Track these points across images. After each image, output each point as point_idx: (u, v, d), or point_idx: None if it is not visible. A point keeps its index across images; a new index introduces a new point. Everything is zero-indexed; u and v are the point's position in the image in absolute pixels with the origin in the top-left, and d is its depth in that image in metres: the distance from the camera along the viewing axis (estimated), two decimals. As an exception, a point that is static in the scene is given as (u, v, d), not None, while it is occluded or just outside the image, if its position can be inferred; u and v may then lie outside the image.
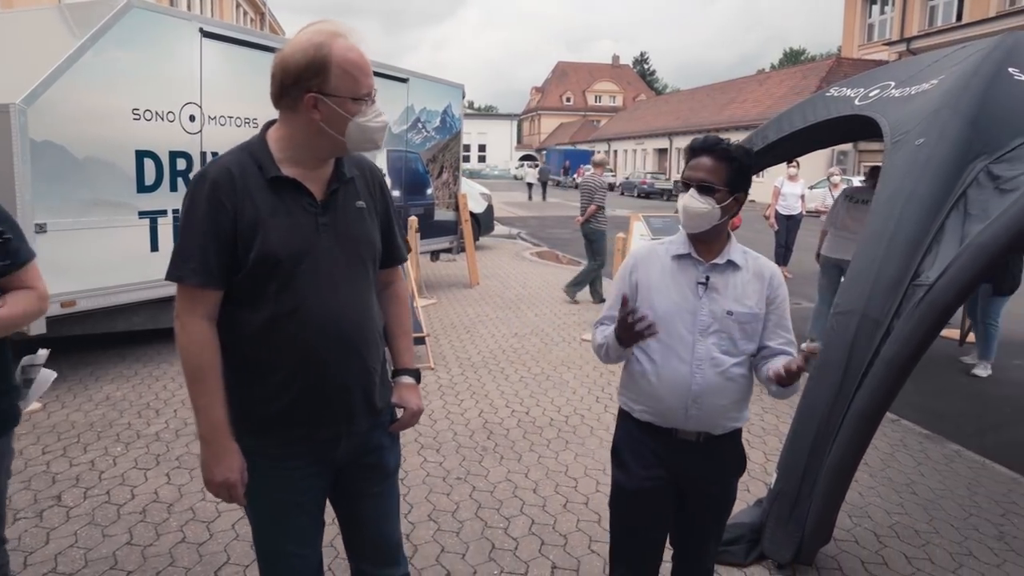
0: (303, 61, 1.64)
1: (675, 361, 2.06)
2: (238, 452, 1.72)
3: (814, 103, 5.54)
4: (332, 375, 1.75)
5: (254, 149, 1.73)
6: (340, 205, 1.78)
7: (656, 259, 2.16)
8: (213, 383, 1.68)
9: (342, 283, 1.76)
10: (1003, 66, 3.85)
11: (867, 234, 3.39)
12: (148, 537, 3.22)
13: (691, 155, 2.12)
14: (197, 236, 1.65)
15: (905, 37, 28.41)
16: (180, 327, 1.69)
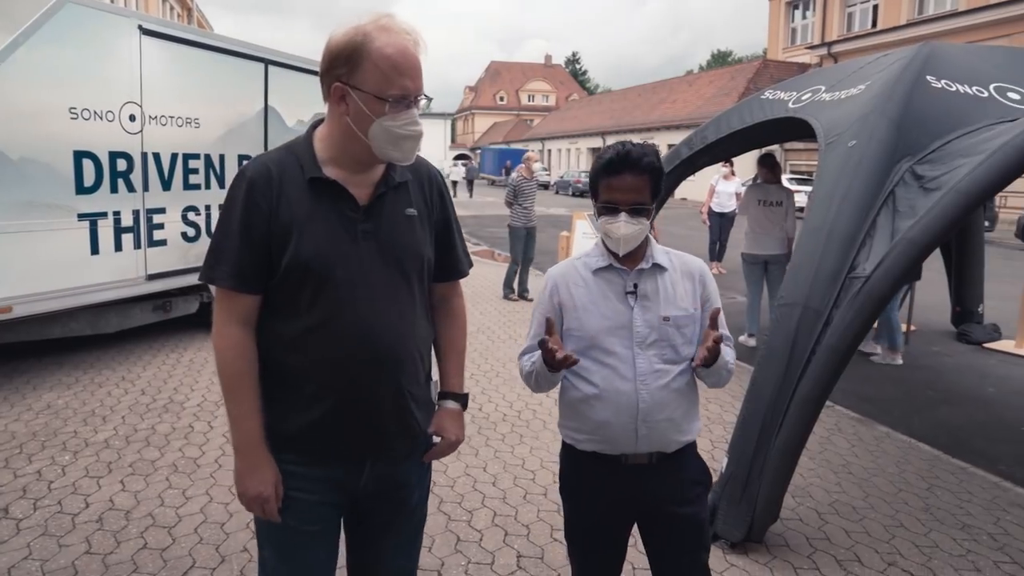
0: (339, 46, 1.54)
1: (617, 381, 1.92)
2: (273, 465, 1.63)
3: (751, 105, 5.79)
4: (363, 396, 1.63)
5: (298, 147, 1.64)
6: (386, 212, 1.66)
7: (576, 276, 2.01)
8: (249, 392, 1.60)
9: (381, 296, 1.63)
10: (921, 74, 4.14)
11: (806, 230, 3.61)
12: (108, 545, 3.16)
13: (609, 171, 1.93)
14: (232, 237, 1.58)
15: (826, 41, 29.70)
16: (216, 331, 1.61)
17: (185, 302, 6.61)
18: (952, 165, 3.28)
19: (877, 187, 3.49)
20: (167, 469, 3.95)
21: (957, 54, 4.74)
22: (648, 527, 2.06)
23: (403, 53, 1.54)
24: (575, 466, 2.06)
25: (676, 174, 6.57)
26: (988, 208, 17.80)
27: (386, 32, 1.54)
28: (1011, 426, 5.19)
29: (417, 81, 1.58)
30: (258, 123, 6.99)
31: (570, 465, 2.09)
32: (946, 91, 4.12)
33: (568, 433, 2.06)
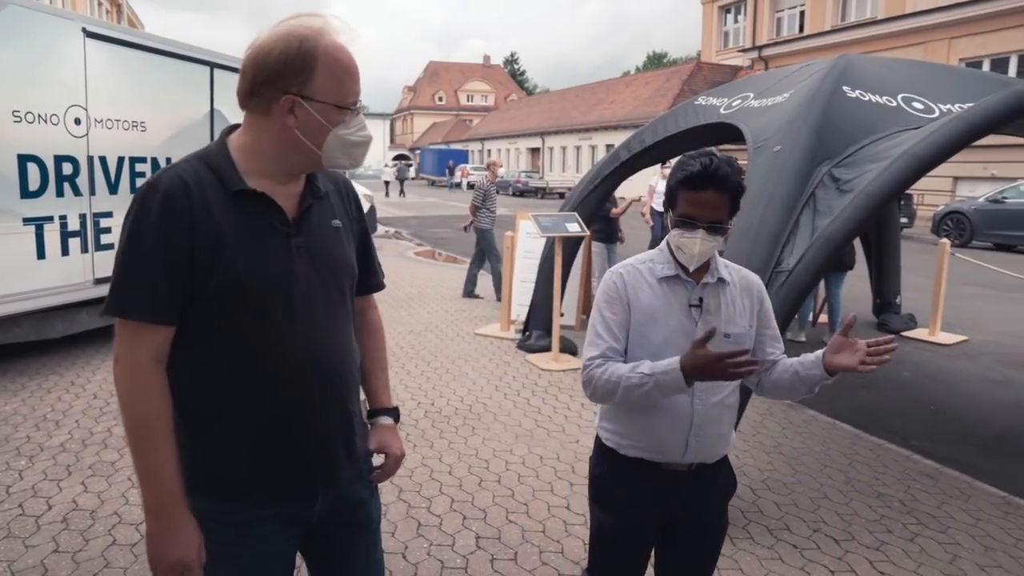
0: (284, 56, 1.40)
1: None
2: (194, 525, 1.44)
3: (685, 110, 6.13)
4: (311, 426, 1.51)
5: (212, 158, 1.47)
6: (315, 224, 1.55)
7: (642, 281, 1.95)
8: (163, 439, 1.40)
9: (321, 315, 1.52)
10: (838, 85, 4.51)
11: (736, 229, 3.91)
12: (76, 544, 3.23)
13: (691, 186, 1.86)
14: (145, 260, 1.38)
15: (757, 45, 30.72)
16: (121, 371, 1.40)
17: (132, 306, 6.57)
18: (863, 169, 3.64)
19: (799, 189, 3.82)
20: (128, 470, 4.01)
21: (870, 66, 5.16)
22: (673, 533, 2.03)
23: (351, 56, 1.47)
24: (614, 471, 2.02)
25: (617, 175, 6.88)
26: (907, 206, 18.89)
27: (329, 34, 1.44)
28: (923, 406, 5.66)
29: (360, 83, 1.51)
30: (204, 126, 7.00)
31: (608, 469, 2.03)
32: (860, 100, 4.50)
33: (611, 437, 2.02)
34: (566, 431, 4.79)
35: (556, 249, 6.54)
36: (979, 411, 5.57)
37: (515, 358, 6.60)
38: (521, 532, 3.47)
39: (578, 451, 4.46)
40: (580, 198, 7.14)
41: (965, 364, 6.90)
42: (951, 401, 5.81)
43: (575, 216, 6.81)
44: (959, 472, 4.32)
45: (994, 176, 20.35)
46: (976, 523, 3.69)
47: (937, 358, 7.10)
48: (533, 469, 4.19)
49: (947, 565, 3.28)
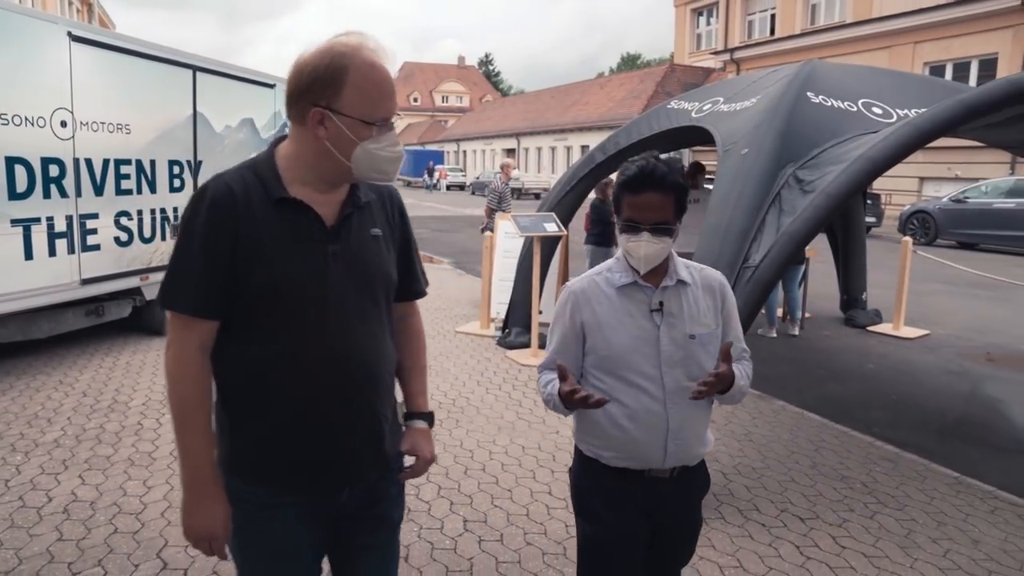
0: (317, 70, 1.49)
1: (646, 399, 1.90)
2: (224, 500, 1.56)
3: (658, 114, 6.36)
4: (338, 423, 1.60)
5: (259, 166, 1.58)
6: (353, 233, 1.62)
7: (599, 293, 1.96)
8: (201, 421, 1.54)
9: (353, 320, 1.59)
10: (803, 90, 4.76)
11: (707, 228, 4.14)
12: (79, 532, 3.36)
13: (633, 189, 1.87)
14: (193, 259, 1.51)
15: (729, 47, 31.20)
16: (170, 358, 1.54)
17: (118, 306, 6.65)
18: (825, 171, 3.87)
19: (766, 190, 4.05)
20: (124, 464, 4.13)
21: (833, 72, 5.42)
22: (655, 536, 2.05)
23: (385, 76, 1.54)
24: (596, 481, 2.01)
25: (593, 176, 7.10)
26: (875, 206, 19.38)
27: (367, 53, 1.51)
28: (885, 396, 5.94)
29: (395, 101, 1.59)
30: (187, 129, 7.09)
31: (590, 480, 2.03)
32: (823, 106, 4.76)
33: (591, 448, 2.01)
34: (546, 422, 4.98)
35: (535, 248, 6.73)
36: (938, 400, 5.87)
37: (495, 354, 6.78)
38: (506, 516, 3.66)
39: (558, 441, 4.65)
40: (557, 199, 7.34)
41: (926, 356, 7.21)
42: (912, 391, 6.10)
43: (553, 216, 7.02)
44: (917, 456, 4.58)
45: (958, 177, 20.93)
46: (931, 501, 3.95)
47: (900, 351, 7.41)
48: (515, 458, 4.38)
49: (903, 539, 3.53)
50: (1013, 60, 20.43)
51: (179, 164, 7.01)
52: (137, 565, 3.10)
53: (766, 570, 3.22)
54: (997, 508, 3.89)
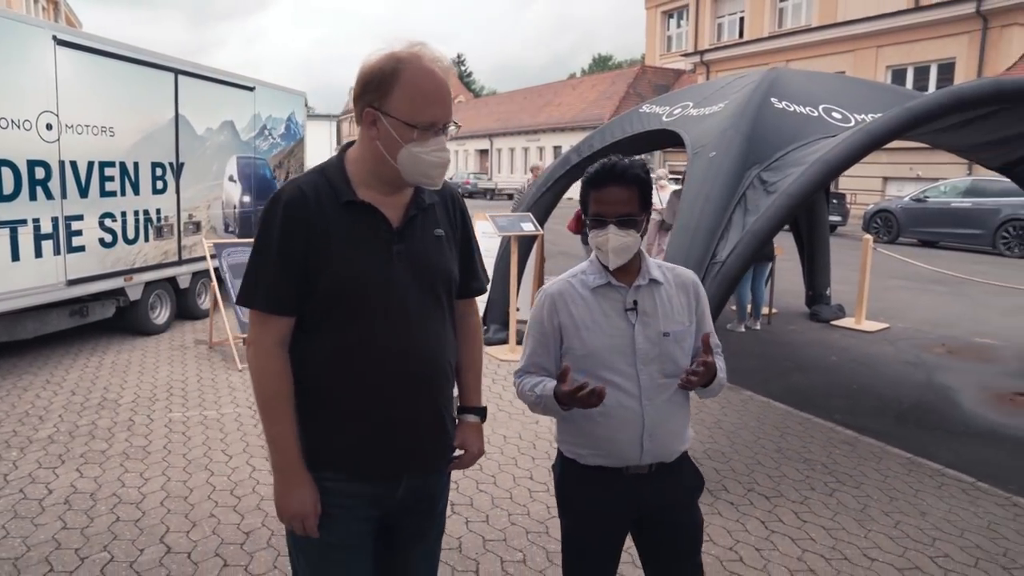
0: (371, 74, 1.59)
1: (622, 397, 1.94)
2: (312, 483, 1.65)
3: (631, 118, 6.62)
4: (400, 414, 1.67)
5: (330, 171, 1.67)
6: (417, 233, 1.70)
7: (574, 295, 2.02)
8: (286, 411, 1.63)
9: (415, 316, 1.67)
10: (767, 96, 5.04)
11: (677, 227, 4.40)
12: (82, 521, 3.50)
13: (596, 185, 1.96)
14: (269, 261, 1.61)
15: (699, 50, 31.71)
16: (252, 353, 1.65)
17: (102, 307, 6.74)
18: (786, 172, 4.14)
19: (732, 190, 4.32)
20: (119, 457, 4.26)
21: (796, 78, 5.72)
22: (646, 535, 2.09)
23: (433, 82, 1.60)
24: (577, 480, 2.06)
25: (568, 177, 7.34)
26: (840, 205, 19.93)
27: (418, 60, 1.59)
28: (846, 386, 6.25)
29: (446, 109, 1.63)
30: (169, 131, 7.20)
31: (571, 480, 2.08)
32: (786, 111, 5.04)
33: (570, 448, 2.05)
34: (525, 414, 5.20)
35: (512, 248, 6.94)
36: (895, 388, 6.20)
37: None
38: (491, 499, 3.87)
39: (537, 430, 4.87)
40: (534, 199, 7.57)
41: (886, 348, 7.57)
42: (871, 380, 6.43)
43: (529, 216, 7.24)
44: (874, 439, 4.88)
45: (919, 177, 21.57)
46: (885, 479, 4.24)
47: (861, 344, 7.76)
48: (498, 447, 4.59)
49: (858, 513, 3.81)
50: (969, 65, 21.12)
51: (161, 166, 7.11)
52: (142, 550, 3.25)
53: (733, 542, 3.47)
54: (944, 484, 4.19)
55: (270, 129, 9.40)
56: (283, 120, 9.78)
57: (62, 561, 3.14)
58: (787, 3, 28.99)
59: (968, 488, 4.17)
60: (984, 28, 20.68)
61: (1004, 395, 6.02)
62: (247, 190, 8.88)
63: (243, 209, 8.80)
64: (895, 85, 7.40)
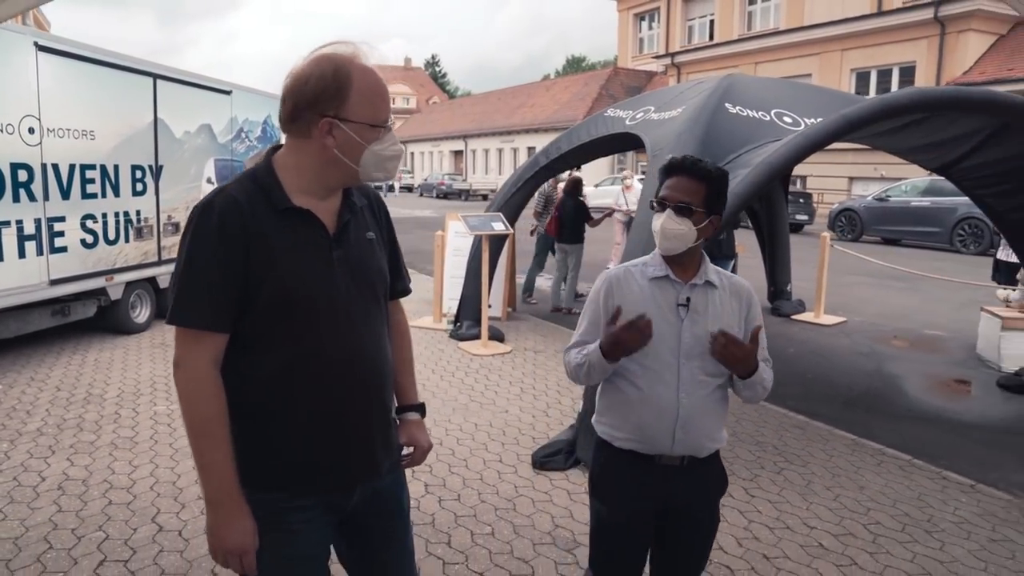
0: (321, 83, 1.54)
1: (660, 387, 2.00)
2: (249, 514, 1.58)
3: (596, 121, 6.93)
4: (354, 421, 1.66)
5: (261, 178, 1.61)
6: (352, 237, 1.69)
7: (632, 282, 2.08)
8: (221, 436, 1.54)
9: (359, 321, 1.66)
10: (721, 102, 5.36)
11: (636, 223, 4.69)
12: (76, 505, 3.71)
13: (667, 174, 2.05)
14: (204, 273, 1.53)
15: (670, 52, 32.23)
16: (183, 375, 1.55)
17: (83, 306, 6.89)
18: (737, 174, 4.45)
19: (686, 191, 4.61)
20: (108, 447, 4.46)
21: (750, 84, 6.06)
22: (666, 527, 2.13)
23: (380, 79, 1.62)
24: (609, 462, 2.13)
25: (537, 178, 7.63)
26: (807, 204, 20.47)
27: (360, 59, 1.59)
28: (801, 375, 6.61)
29: (389, 102, 1.66)
30: (148, 134, 7.36)
31: (604, 461, 2.15)
32: (739, 116, 5.37)
33: (605, 430, 2.13)
34: (496, 404, 5.47)
35: (483, 246, 7.20)
36: (847, 377, 6.57)
37: (448, 346, 7.24)
38: (462, 480, 4.13)
39: (507, 419, 5.14)
40: (504, 200, 7.85)
41: (842, 340, 7.95)
42: (826, 370, 6.79)
43: (500, 216, 7.51)
44: (823, 423, 5.22)
45: (883, 176, 22.20)
46: (830, 459, 4.57)
47: (819, 336, 8.14)
48: (469, 434, 4.86)
49: (803, 488, 4.13)
50: (929, 68, 21.81)
51: (141, 169, 7.27)
52: (135, 529, 3.47)
53: (686, 515, 3.77)
54: (883, 462, 4.54)
55: (247, 132, 9.56)
56: (259, 123, 9.94)
57: (60, 540, 3.35)
58: (756, 6, 29.61)
59: (904, 465, 4.51)
60: (942, 33, 21.38)
61: (945, 382, 6.42)
62: (224, 192, 9.03)
63: (221, 210, 8.94)
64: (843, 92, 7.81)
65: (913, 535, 3.63)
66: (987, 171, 5.23)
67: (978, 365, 6.93)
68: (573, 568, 3.25)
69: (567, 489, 4.03)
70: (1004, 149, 4.77)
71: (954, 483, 4.26)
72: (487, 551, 3.37)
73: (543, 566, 3.26)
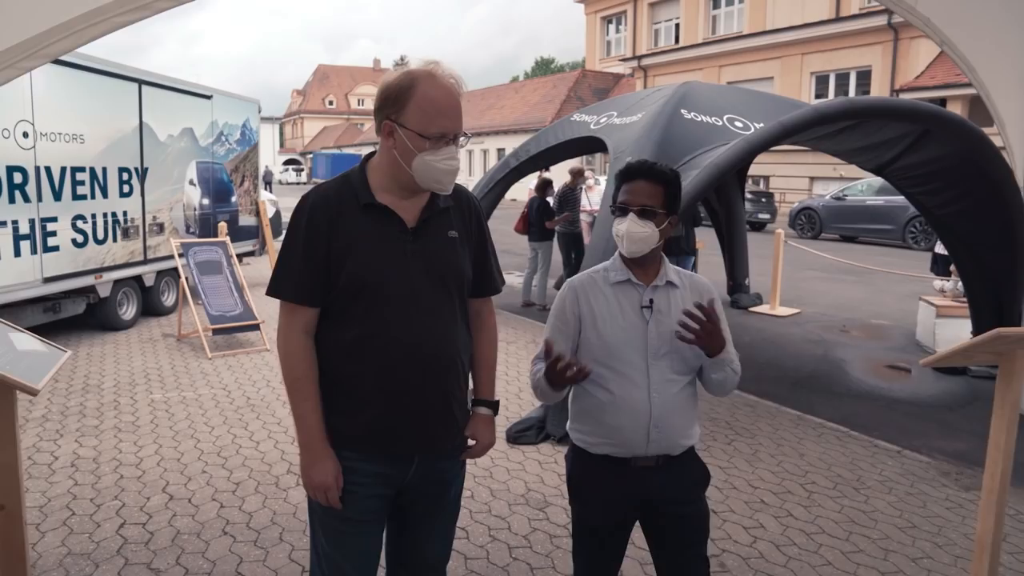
0: (389, 90, 1.75)
1: (630, 388, 2.04)
2: (334, 457, 1.80)
3: (563, 125, 7.39)
4: (411, 398, 1.81)
5: (352, 177, 1.84)
6: (431, 233, 1.84)
7: (596, 288, 2.14)
8: (310, 392, 1.79)
9: (426, 309, 1.81)
10: (677, 108, 5.84)
11: (599, 220, 5.14)
12: (90, 479, 4.05)
13: (626, 179, 2.12)
14: (295, 256, 1.78)
15: (637, 55, 32.85)
16: (281, 339, 1.82)
17: (73, 303, 7.16)
18: (689, 175, 4.92)
19: (644, 190, 5.08)
20: (112, 431, 4.80)
21: (704, 91, 6.54)
22: (652, 525, 2.19)
23: (445, 96, 1.75)
24: (586, 468, 2.17)
25: (508, 180, 8.08)
26: (769, 203, 21.20)
27: (431, 77, 1.74)
28: (755, 361, 7.12)
29: (456, 122, 1.77)
30: (134, 138, 7.65)
31: (581, 468, 2.19)
32: (694, 121, 5.85)
33: (580, 437, 2.16)
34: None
35: (459, 243, 7.61)
36: (796, 361, 7.10)
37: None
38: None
39: (484, 401, 5.55)
40: (478, 199, 8.26)
41: (794, 330, 8.51)
42: (777, 356, 7.32)
43: (475, 215, 7.93)
44: (771, 402, 5.72)
45: (842, 176, 23.00)
46: (776, 431, 5.07)
47: (774, 326, 8.68)
48: (449, 415, 5.26)
49: (750, 456, 4.62)
50: (884, 72, 22.68)
51: (128, 171, 7.57)
52: (148, 498, 3.83)
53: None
54: (823, 434, 5.05)
55: (227, 135, 9.87)
56: (238, 127, 10.25)
57: (81, 507, 3.71)
58: (720, 11, 30.33)
59: (842, 436, 5.03)
60: (895, 40, 22.25)
61: (882, 365, 6.99)
62: (206, 193, 9.35)
63: (202, 211, 9.27)
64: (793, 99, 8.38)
65: (843, 492, 4.13)
66: (916, 172, 5.77)
67: (916, 350, 7.51)
68: (544, 523, 3.68)
69: (538, 459, 4.47)
70: (927, 152, 5.31)
71: (883, 449, 4.78)
72: (468, 511, 3.78)
73: (518, 522, 3.69)
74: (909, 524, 3.76)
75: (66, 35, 2.62)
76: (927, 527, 3.74)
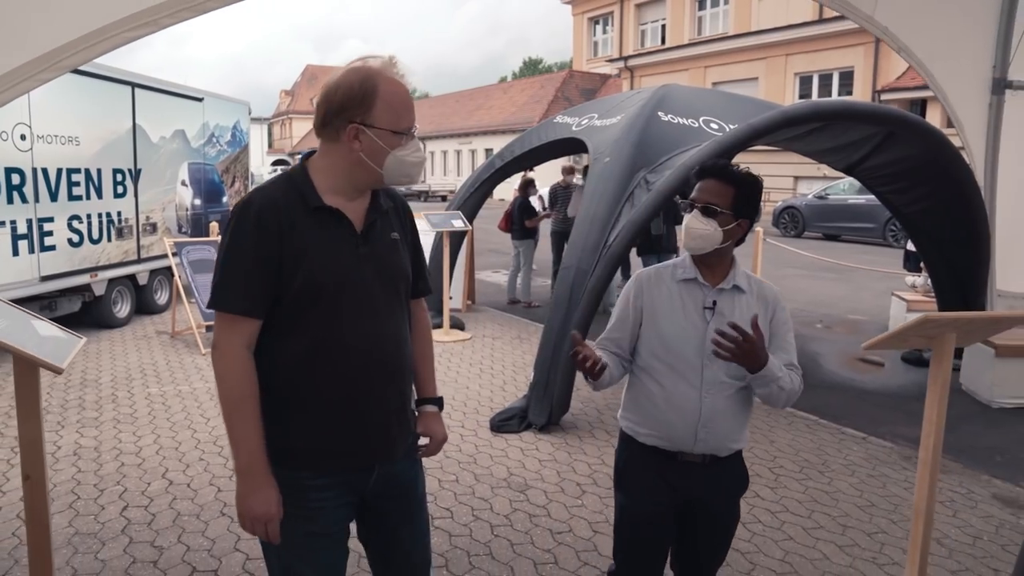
0: (349, 92, 1.67)
1: (683, 386, 2.05)
2: (275, 485, 1.69)
3: (546, 127, 7.61)
4: (372, 404, 1.76)
5: (296, 179, 1.75)
6: (378, 236, 1.81)
7: (662, 283, 2.14)
8: (252, 413, 1.67)
9: (381, 312, 1.78)
10: (655, 111, 6.07)
11: (580, 218, 5.37)
12: (93, 467, 4.24)
13: (699, 177, 2.11)
14: (242, 263, 1.66)
15: (623, 55, 33.14)
16: (219, 356, 1.68)
17: (69, 301, 7.32)
18: (663, 175, 5.16)
19: (622, 190, 5.32)
20: (111, 423, 4.98)
21: (681, 94, 6.78)
22: (687, 520, 2.19)
23: (405, 90, 1.74)
24: (633, 457, 2.19)
25: (493, 180, 8.30)
26: (753, 202, 21.47)
27: (387, 71, 1.71)
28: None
29: (414, 113, 1.77)
30: (128, 140, 7.82)
31: (628, 455, 2.21)
32: (671, 123, 6.08)
33: (630, 425, 2.19)
34: (458, 382, 6.10)
35: (444, 242, 7.82)
36: (773, 356, 7.34)
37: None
38: (431, 442, 4.75)
39: (468, 394, 5.78)
40: (462, 200, 8.48)
41: (772, 325, 8.75)
42: (755, 350, 7.56)
43: (459, 214, 8.14)
44: (746, 393, 5.96)
45: (825, 176, 23.35)
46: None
47: (753, 322, 8.93)
48: (436, 406, 5.47)
49: (721, 442, 4.85)
50: (866, 73, 23.06)
51: (121, 172, 7.74)
52: (149, 483, 4.03)
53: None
54: (794, 422, 5.30)
55: (218, 137, 10.04)
56: (229, 128, 10.43)
57: (85, 492, 3.90)
58: (706, 12, 30.67)
59: (811, 424, 5.28)
60: (877, 41, 22.54)
61: (854, 359, 7.25)
62: (198, 194, 9.53)
63: (194, 211, 9.44)
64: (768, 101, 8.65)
65: (808, 474, 4.38)
66: (884, 171, 6.03)
67: (888, 343, 7.78)
68: (524, 503, 3.91)
69: (520, 447, 4.69)
70: (893, 153, 5.56)
71: (849, 436, 5.04)
72: (452, 493, 4.01)
73: (500, 503, 3.91)
74: (868, 503, 4.01)
75: (80, 49, 2.84)
76: (884, 505, 3.98)
